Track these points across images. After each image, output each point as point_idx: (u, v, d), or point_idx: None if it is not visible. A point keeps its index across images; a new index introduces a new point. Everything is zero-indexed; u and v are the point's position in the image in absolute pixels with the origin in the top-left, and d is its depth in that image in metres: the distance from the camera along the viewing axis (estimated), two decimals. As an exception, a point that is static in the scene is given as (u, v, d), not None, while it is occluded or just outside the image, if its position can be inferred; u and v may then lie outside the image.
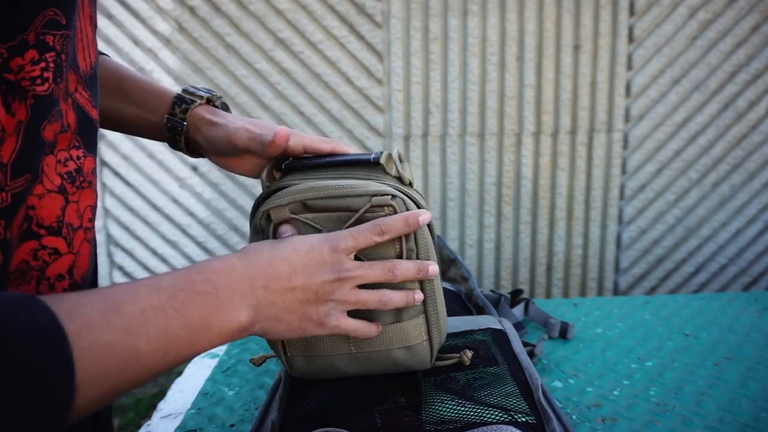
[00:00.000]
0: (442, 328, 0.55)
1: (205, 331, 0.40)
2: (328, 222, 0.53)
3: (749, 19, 2.07)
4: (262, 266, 0.45)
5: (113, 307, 0.35)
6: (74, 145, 0.43)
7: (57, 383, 0.31)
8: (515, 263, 2.26)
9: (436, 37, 2.07)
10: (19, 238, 0.40)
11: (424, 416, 0.51)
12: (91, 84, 0.46)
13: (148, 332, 0.36)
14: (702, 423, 0.62)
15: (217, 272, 0.43)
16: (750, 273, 2.27)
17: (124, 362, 0.35)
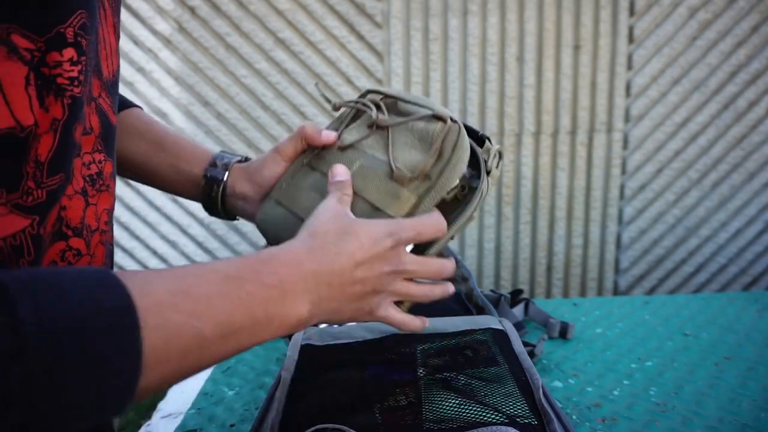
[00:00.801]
0: None
1: (266, 323, 0.41)
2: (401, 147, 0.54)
3: (749, 19, 2.07)
4: (328, 262, 0.45)
5: (183, 289, 0.36)
6: (98, 149, 0.45)
7: (125, 361, 0.31)
8: (515, 263, 2.26)
9: (436, 37, 2.07)
10: (50, 238, 0.41)
11: (424, 415, 0.51)
12: (113, 91, 0.47)
13: (213, 318, 0.37)
14: (702, 423, 0.62)
15: (284, 265, 0.43)
16: (750, 273, 2.27)
17: (189, 346, 0.35)
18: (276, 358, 0.79)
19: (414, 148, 0.54)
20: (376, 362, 0.60)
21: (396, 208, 0.52)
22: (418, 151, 0.53)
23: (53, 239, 0.41)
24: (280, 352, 0.80)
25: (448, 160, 0.52)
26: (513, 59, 2.10)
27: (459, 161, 0.52)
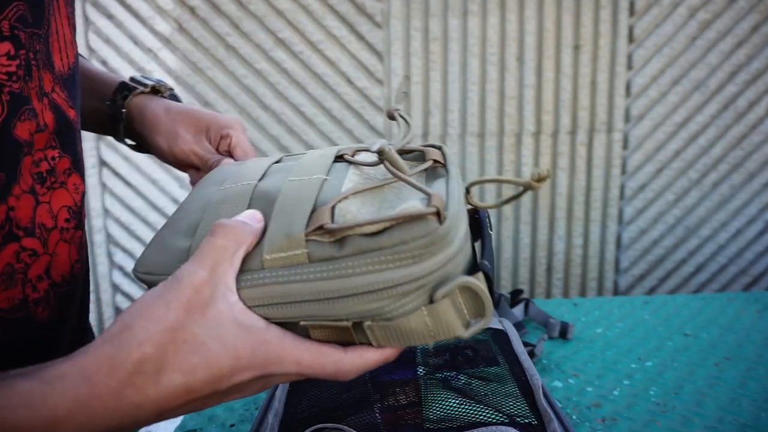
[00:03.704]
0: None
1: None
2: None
3: (749, 19, 2.07)
4: (105, 421, 0.31)
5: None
6: (51, 146, 0.43)
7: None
8: (515, 263, 2.26)
9: (436, 37, 2.07)
10: (1, 241, 0.40)
11: (424, 414, 0.51)
12: (69, 84, 0.45)
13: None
14: (702, 423, 0.62)
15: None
16: (750, 273, 2.27)
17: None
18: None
19: (380, 209, 0.35)
20: (376, 362, 0.60)
21: (274, 246, 0.34)
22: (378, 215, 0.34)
23: (4, 241, 0.40)
24: (280, 352, 0.80)
25: (383, 248, 0.32)
26: (513, 59, 2.10)
27: (393, 263, 0.32)
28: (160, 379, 0.31)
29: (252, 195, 0.39)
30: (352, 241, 0.33)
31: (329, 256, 0.33)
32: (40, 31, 0.40)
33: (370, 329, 0.33)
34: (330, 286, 0.33)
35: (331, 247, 0.33)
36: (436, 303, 0.33)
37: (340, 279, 0.32)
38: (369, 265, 0.32)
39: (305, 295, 0.33)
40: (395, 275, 0.32)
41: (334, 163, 0.42)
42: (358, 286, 0.32)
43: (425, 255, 0.32)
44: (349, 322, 0.33)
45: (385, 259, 0.32)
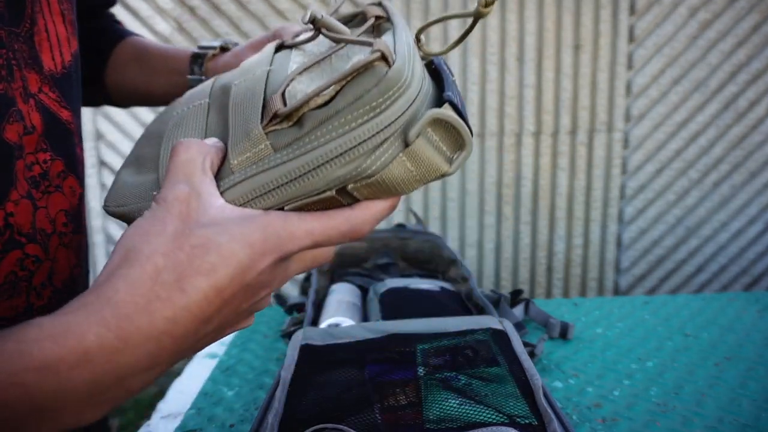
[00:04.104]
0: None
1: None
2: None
3: (749, 18, 2.07)
4: (145, 350, 0.28)
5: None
6: (41, 149, 0.41)
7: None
8: (515, 263, 2.26)
9: (436, 37, 2.07)
10: (2, 248, 0.38)
11: (424, 415, 0.51)
12: (62, 84, 0.44)
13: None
14: (702, 423, 0.62)
15: (72, 368, 0.27)
16: (751, 273, 2.27)
17: None
18: (276, 358, 0.79)
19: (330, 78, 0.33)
20: (376, 362, 0.60)
21: (238, 151, 0.33)
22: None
23: (6, 248, 0.39)
24: (279, 352, 0.80)
25: (340, 111, 0.31)
26: (513, 59, 2.10)
27: (354, 122, 0.31)
28: (184, 287, 0.29)
29: (207, 112, 0.38)
30: (309, 117, 0.32)
31: (292, 139, 0.32)
32: (18, 29, 0.39)
33: (356, 190, 0.32)
34: (301, 162, 0.32)
35: (291, 131, 0.33)
36: (412, 145, 0.31)
37: (309, 153, 0.32)
38: (332, 131, 0.31)
39: (281, 179, 0.32)
40: (360, 132, 0.31)
41: (275, 55, 0.40)
42: (328, 153, 0.31)
43: (385, 103, 0.31)
44: (332, 191, 0.32)
45: (346, 120, 0.31)
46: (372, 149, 0.31)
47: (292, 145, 0.32)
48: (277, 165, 0.32)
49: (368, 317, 0.76)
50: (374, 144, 0.31)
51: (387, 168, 0.32)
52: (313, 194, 0.32)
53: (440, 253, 0.89)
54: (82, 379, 0.27)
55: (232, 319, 0.32)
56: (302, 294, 0.90)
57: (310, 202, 0.32)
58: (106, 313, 0.28)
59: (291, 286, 2.26)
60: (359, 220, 0.33)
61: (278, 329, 0.87)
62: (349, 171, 0.31)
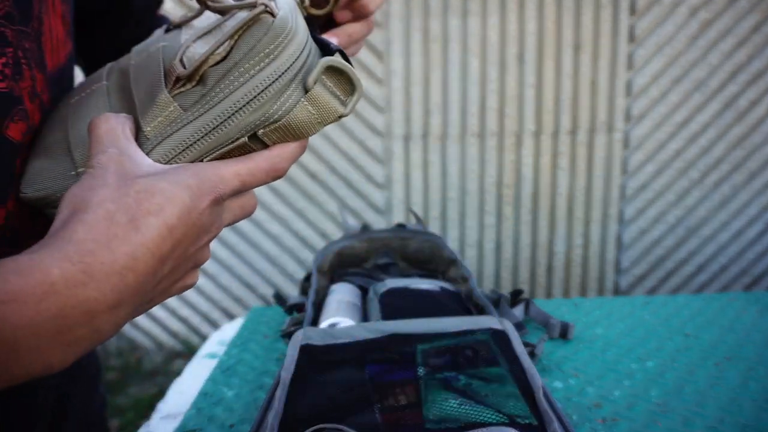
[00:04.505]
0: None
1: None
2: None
3: (750, 18, 2.07)
4: (110, 284, 0.29)
5: None
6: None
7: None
8: (515, 263, 2.26)
9: (436, 37, 2.07)
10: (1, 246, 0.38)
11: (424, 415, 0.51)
12: (57, 84, 0.44)
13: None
14: (702, 423, 0.62)
15: (19, 305, 0.27)
16: (751, 273, 2.27)
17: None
18: (275, 358, 0.79)
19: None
20: (376, 362, 0.60)
21: (149, 118, 0.35)
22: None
23: (4, 245, 0.39)
24: (279, 352, 0.80)
25: (238, 62, 0.34)
26: (513, 59, 2.10)
27: (253, 69, 0.34)
28: (138, 225, 0.30)
29: (108, 94, 0.40)
30: (211, 74, 0.35)
31: (199, 97, 0.35)
32: (27, 28, 0.39)
33: (265, 135, 0.36)
34: (212, 115, 0.35)
35: (196, 90, 0.35)
36: (311, 90, 0.35)
37: (217, 105, 0.35)
38: (234, 81, 0.35)
39: (196, 133, 0.35)
40: (260, 78, 0.34)
41: (164, 35, 0.43)
42: (235, 102, 0.35)
43: (278, 49, 0.35)
44: (245, 138, 0.35)
45: (245, 69, 0.34)
46: (275, 95, 0.35)
47: (199, 101, 0.35)
48: (190, 122, 0.35)
49: (368, 317, 0.76)
50: (276, 90, 0.35)
51: (292, 112, 0.35)
52: (228, 143, 0.35)
53: (440, 253, 0.89)
54: (50, 313, 0.27)
55: (182, 266, 0.33)
56: (302, 294, 0.90)
57: (227, 150, 0.36)
58: (68, 250, 0.28)
59: (291, 286, 2.26)
60: (277, 157, 0.36)
61: (278, 329, 0.87)
62: (258, 117, 0.35)
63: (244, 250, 2.23)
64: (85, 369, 0.55)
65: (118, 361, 2.29)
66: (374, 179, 2.17)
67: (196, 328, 2.32)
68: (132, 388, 2.14)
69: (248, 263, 2.24)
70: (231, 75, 0.35)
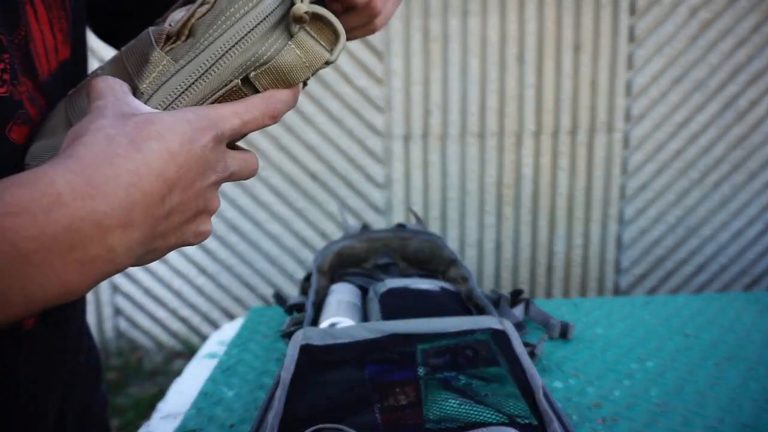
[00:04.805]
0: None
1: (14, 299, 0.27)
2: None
3: (750, 18, 2.07)
4: (117, 199, 0.28)
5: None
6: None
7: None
8: (515, 263, 2.26)
9: (436, 37, 2.07)
10: None
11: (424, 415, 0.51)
12: (49, 91, 0.44)
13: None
14: (702, 423, 0.62)
15: (36, 221, 0.26)
16: (751, 273, 2.27)
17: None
18: (275, 358, 0.79)
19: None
20: (376, 362, 0.60)
21: (143, 76, 0.37)
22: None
23: None
24: (279, 352, 0.80)
25: (223, 9, 0.37)
26: (513, 59, 2.10)
27: (238, 13, 0.36)
28: (140, 147, 0.30)
29: (102, 73, 0.41)
30: (199, 25, 0.37)
31: (190, 47, 0.37)
32: (12, 36, 0.39)
33: (257, 79, 0.37)
34: (202, 58, 0.36)
35: (187, 43, 0.37)
36: (296, 35, 0.37)
37: (207, 48, 0.36)
38: (222, 25, 0.36)
39: (190, 77, 0.37)
40: (247, 20, 0.36)
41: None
42: (225, 44, 0.36)
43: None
44: (237, 80, 0.37)
45: (230, 13, 0.36)
46: (262, 37, 0.37)
47: (191, 50, 0.37)
48: (183, 67, 0.37)
49: (368, 317, 0.76)
50: (262, 32, 0.37)
51: (280, 54, 0.37)
52: (221, 87, 0.37)
53: (440, 253, 0.89)
54: (60, 225, 0.27)
55: (192, 202, 0.33)
56: (302, 294, 0.90)
57: (222, 95, 0.37)
58: (70, 164, 0.28)
59: (291, 286, 2.26)
60: (272, 98, 0.37)
61: (278, 329, 0.87)
62: (248, 57, 0.37)
63: (244, 250, 2.23)
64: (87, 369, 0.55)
65: (119, 360, 2.29)
66: (374, 179, 2.17)
67: (196, 328, 2.32)
68: (132, 387, 2.14)
69: (248, 263, 2.24)
70: (218, 20, 0.37)
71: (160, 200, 0.30)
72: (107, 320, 2.29)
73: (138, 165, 0.29)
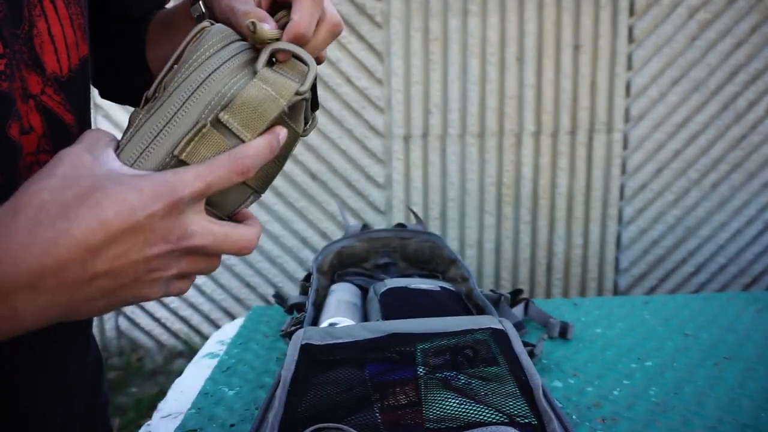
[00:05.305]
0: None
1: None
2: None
3: (749, 19, 2.07)
4: (26, 264, 0.30)
5: None
6: (44, 150, 0.42)
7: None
8: (515, 263, 2.26)
9: (436, 37, 2.07)
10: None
11: (424, 414, 0.51)
12: (69, 88, 0.43)
13: None
14: (702, 423, 0.62)
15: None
16: (749, 273, 2.27)
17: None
18: (276, 357, 0.79)
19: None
20: (376, 361, 0.60)
21: (124, 135, 0.38)
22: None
23: None
24: (280, 352, 0.81)
25: (187, 59, 0.38)
26: (513, 59, 2.10)
27: (200, 58, 0.37)
28: (68, 214, 0.30)
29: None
30: (169, 80, 0.38)
31: (160, 97, 0.38)
32: (18, 30, 0.39)
33: (229, 121, 0.37)
34: (169, 104, 0.37)
35: (159, 97, 0.38)
36: (260, 72, 0.38)
37: (173, 94, 0.37)
38: (186, 71, 0.37)
39: (158, 123, 0.37)
40: (209, 63, 0.37)
41: None
42: (188, 87, 0.37)
43: (222, 42, 0.38)
44: (207, 122, 0.36)
45: (195, 58, 0.38)
46: (225, 78, 0.37)
47: (159, 99, 0.38)
48: (152, 114, 0.37)
49: (368, 317, 0.76)
50: (225, 73, 0.37)
51: (244, 89, 0.37)
52: (191, 130, 0.36)
53: (440, 253, 0.89)
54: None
55: (129, 268, 0.32)
56: (302, 294, 0.90)
57: (195, 141, 0.36)
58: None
59: (291, 286, 2.26)
60: (239, 154, 0.36)
61: (278, 329, 0.87)
62: (213, 96, 0.36)
63: (244, 250, 2.23)
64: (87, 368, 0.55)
65: (120, 360, 2.29)
66: (374, 179, 2.17)
67: (196, 327, 2.32)
68: (133, 387, 2.14)
69: (249, 263, 2.24)
70: (182, 68, 0.38)
71: (80, 267, 0.30)
72: (108, 320, 2.29)
73: (58, 233, 0.30)
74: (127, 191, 0.31)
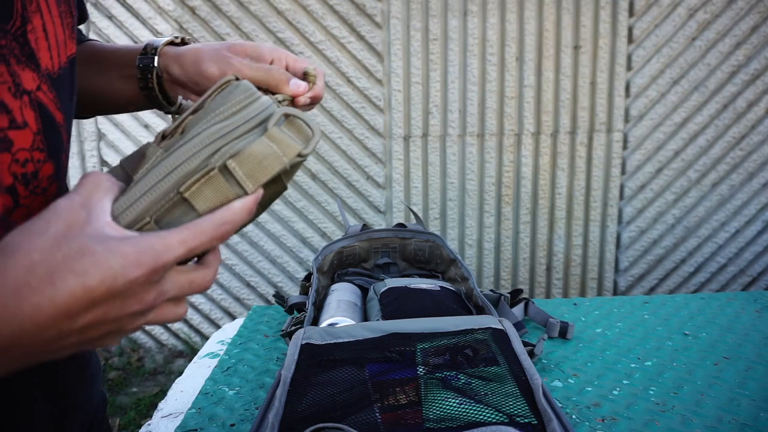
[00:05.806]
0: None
1: None
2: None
3: (748, 19, 2.07)
4: (9, 328, 0.31)
5: None
6: (38, 148, 0.41)
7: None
8: (515, 263, 2.26)
9: (436, 37, 2.08)
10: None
11: (424, 414, 0.51)
12: (59, 85, 0.43)
13: None
14: (701, 422, 0.62)
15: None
16: (749, 273, 2.27)
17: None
18: (276, 357, 0.79)
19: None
20: (376, 361, 0.60)
21: (139, 168, 0.40)
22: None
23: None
24: (280, 352, 0.81)
25: (213, 109, 0.41)
26: (513, 59, 2.10)
27: (224, 113, 0.41)
28: (54, 280, 0.31)
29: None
30: (190, 122, 0.41)
31: (180, 139, 0.40)
32: (7, 26, 0.38)
33: (234, 169, 0.39)
34: (193, 144, 0.39)
35: (178, 137, 0.41)
36: (269, 131, 0.40)
37: (198, 137, 0.40)
38: (210, 121, 0.40)
39: (174, 162, 0.39)
40: (233, 120, 0.40)
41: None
42: (211, 134, 0.40)
43: (247, 100, 0.41)
44: (215, 167, 0.39)
45: (223, 111, 0.41)
46: (243, 134, 0.40)
47: (180, 140, 0.40)
48: (173, 152, 0.39)
49: (368, 317, 0.76)
50: (244, 130, 0.40)
51: (254, 143, 0.40)
52: (201, 171, 0.38)
53: (440, 253, 0.89)
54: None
55: (99, 326, 0.34)
56: (302, 293, 0.90)
57: (202, 181, 0.38)
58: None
59: (291, 285, 2.26)
60: (221, 220, 0.37)
61: (279, 329, 0.87)
62: (227, 148, 0.39)
63: (245, 250, 2.24)
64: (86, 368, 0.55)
65: (120, 360, 2.29)
66: (374, 179, 2.17)
67: (197, 327, 2.32)
68: (133, 387, 2.14)
69: (249, 263, 2.24)
70: (207, 116, 0.41)
71: (56, 328, 0.32)
72: (107, 320, 2.30)
73: (43, 299, 0.31)
74: (113, 257, 0.32)
